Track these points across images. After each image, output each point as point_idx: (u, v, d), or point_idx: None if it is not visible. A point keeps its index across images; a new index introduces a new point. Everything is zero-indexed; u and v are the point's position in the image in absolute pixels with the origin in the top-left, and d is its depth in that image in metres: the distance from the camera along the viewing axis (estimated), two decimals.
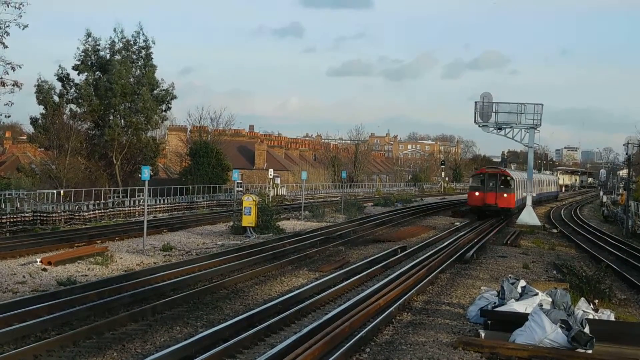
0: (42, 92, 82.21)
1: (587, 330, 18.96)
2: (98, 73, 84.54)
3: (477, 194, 71.58)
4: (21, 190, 61.94)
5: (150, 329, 20.80)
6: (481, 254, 41.88)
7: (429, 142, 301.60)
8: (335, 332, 19.50)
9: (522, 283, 23.75)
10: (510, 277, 24.53)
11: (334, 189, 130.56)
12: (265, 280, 30.35)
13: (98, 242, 40.91)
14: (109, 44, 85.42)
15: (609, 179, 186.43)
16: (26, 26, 45.08)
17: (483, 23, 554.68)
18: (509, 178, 72.28)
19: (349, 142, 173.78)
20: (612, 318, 22.79)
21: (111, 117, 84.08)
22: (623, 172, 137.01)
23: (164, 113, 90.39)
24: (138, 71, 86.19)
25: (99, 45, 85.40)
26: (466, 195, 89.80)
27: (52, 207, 56.76)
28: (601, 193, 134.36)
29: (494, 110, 68.31)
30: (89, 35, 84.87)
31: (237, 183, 75.57)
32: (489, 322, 21.17)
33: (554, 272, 36.74)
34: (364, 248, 43.52)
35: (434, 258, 37.44)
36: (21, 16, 44.43)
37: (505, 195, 70.87)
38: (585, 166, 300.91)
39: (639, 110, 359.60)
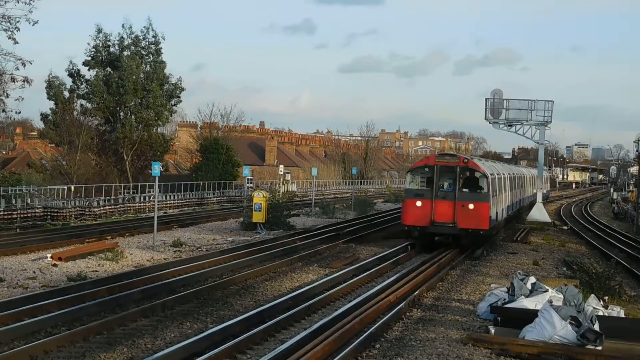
0: (53, 88, 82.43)
1: (596, 326, 18.94)
2: (108, 69, 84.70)
3: (418, 204, 39.56)
4: (32, 186, 62.17)
5: (160, 324, 20.84)
6: (491, 251, 41.86)
7: (440, 138, 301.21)
8: (346, 328, 19.51)
9: (532, 280, 23.73)
10: (520, 273, 24.51)
11: (345, 185, 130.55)
12: (276, 276, 30.37)
13: (108, 238, 40.98)
14: (118, 40, 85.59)
15: (620, 175, 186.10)
16: (36, 22, 45.07)
17: (494, 20, 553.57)
18: (478, 174, 40.39)
19: (359, 138, 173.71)
20: (622, 315, 22.78)
21: (122, 114, 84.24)
22: (633, 169, 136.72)
23: (174, 107, 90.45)
24: (148, 67, 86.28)
25: (109, 41, 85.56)
26: None
27: (63, 203, 56.88)
28: (611, 190, 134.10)
29: (504, 107, 68.07)
30: (99, 31, 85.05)
31: (248, 179, 75.66)
32: (499, 318, 21.17)
33: (564, 268, 36.70)
34: (374, 245, 43.50)
35: (443, 255, 37.42)
36: (31, 12, 44.48)
37: (470, 206, 39.33)
38: (595, 163, 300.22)
39: None
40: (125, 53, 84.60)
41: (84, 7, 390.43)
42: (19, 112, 53.09)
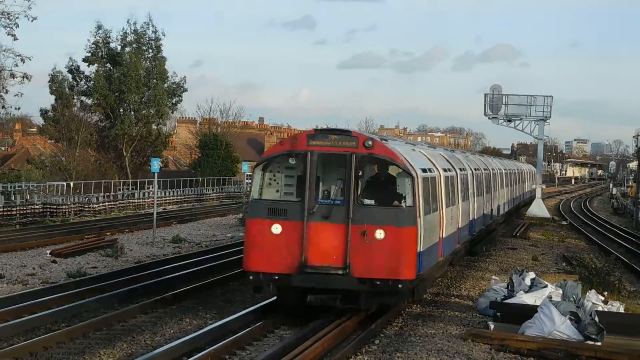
0: (56, 82, 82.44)
1: (596, 322, 18.95)
2: (108, 65, 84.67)
3: (275, 229, 20.59)
4: (31, 183, 62.14)
5: (159, 320, 20.84)
6: (490, 246, 41.76)
7: (439, 134, 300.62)
8: (345, 324, 19.51)
9: (532, 275, 23.78)
10: (519, 269, 24.53)
11: None
12: None
13: (108, 234, 40.98)
14: (121, 36, 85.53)
15: (619, 171, 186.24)
16: (35, 18, 45.34)
17: (494, 15, 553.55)
18: (394, 170, 21.37)
19: None
20: (622, 310, 22.77)
21: (121, 110, 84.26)
22: (633, 165, 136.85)
23: (174, 105, 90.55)
24: (148, 63, 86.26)
25: (109, 37, 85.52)
26: None
27: (62, 199, 56.88)
28: (611, 185, 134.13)
29: (503, 102, 68.15)
30: (99, 27, 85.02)
31: (247, 175, 75.61)
32: (498, 314, 21.17)
33: (564, 264, 36.72)
34: None
35: None
36: (30, 8, 44.59)
37: (379, 233, 20.38)
38: (595, 158, 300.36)
39: None
40: (127, 49, 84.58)
41: (82, 4, 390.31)
42: (19, 108, 53.45)
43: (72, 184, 66.50)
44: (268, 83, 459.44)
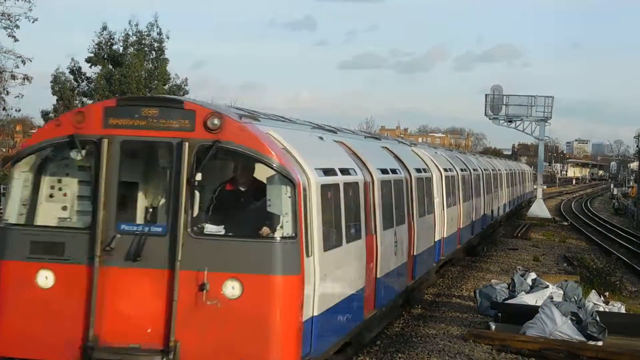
0: (58, 83, 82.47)
1: (597, 322, 18.97)
2: (110, 66, 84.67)
3: (43, 281, 11.68)
4: None
5: None
6: (491, 247, 41.76)
7: (440, 134, 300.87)
8: None
9: (533, 275, 23.80)
10: (520, 269, 24.54)
11: None
12: None
13: None
14: (123, 37, 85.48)
15: (620, 171, 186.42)
16: (36, 19, 45.24)
17: (495, 15, 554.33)
18: (266, 175, 11.88)
19: None
20: (623, 310, 22.80)
21: None
22: (634, 165, 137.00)
23: None
24: (150, 65, 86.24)
25: (113, 38, 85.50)
26: None
27: None
28: (612, 185, 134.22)
29: (504, 102, 68.24)
30: (104, 28, 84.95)
31: None
32: (500, 314, 21.17)
33: (565, 264, 36.72)
34: None
35: None
36: (31, 9, 44.54)
37: (231, 289, 11.37)
38: (595, 159, 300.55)
39: None
40: (129, 50, 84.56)
41: (83, 5, 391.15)
42: (19, 110, 53.32)
43: None
44: (269, 83, 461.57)
